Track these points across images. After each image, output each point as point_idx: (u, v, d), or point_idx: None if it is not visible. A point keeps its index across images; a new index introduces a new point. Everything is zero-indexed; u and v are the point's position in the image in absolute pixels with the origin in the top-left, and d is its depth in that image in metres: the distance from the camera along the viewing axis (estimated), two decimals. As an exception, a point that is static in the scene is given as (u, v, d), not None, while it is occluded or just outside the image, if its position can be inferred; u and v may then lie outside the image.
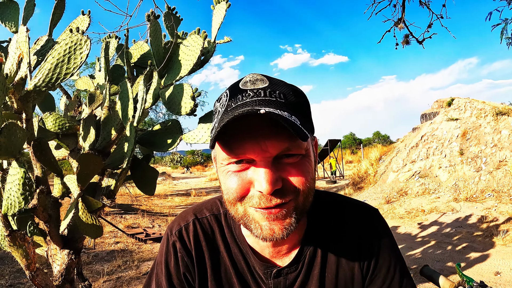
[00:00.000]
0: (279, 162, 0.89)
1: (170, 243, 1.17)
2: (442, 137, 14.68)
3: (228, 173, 0.92)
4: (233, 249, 1.13)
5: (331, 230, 1.13)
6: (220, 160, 0.94)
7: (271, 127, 0.86)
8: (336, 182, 24.34)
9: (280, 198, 0.88)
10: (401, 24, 6.79)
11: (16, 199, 2.54)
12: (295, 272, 1.09)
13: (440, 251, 7.85)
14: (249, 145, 0.86)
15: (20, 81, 2.70)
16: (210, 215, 1.19)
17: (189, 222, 1.18)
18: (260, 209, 0.90)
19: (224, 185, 0.95)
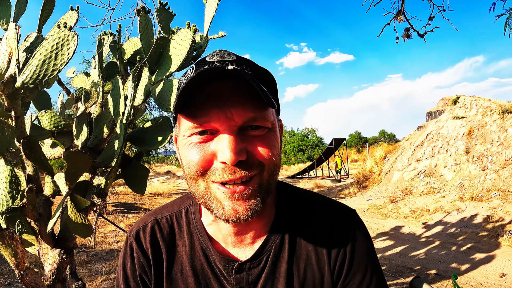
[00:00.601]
0: (244, 134, 0.86)
1: (127, 245, 1.14)
2: (448, 135, 14.59)
3: (190, 145, 0.88)
4: (193, 245, 1.08)
5: (300, 226, 1.07)
6: (182, 132, 0.90)
7: (237, 95, 0.84)
8: (341, 181, 24.30)
9: (244, 170, 0.84)
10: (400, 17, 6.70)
11: (3, 197, 2.52)
12: (259, 266, 1.02)
13: (444, 251, 7.77)
14: (214, 113, 0.83)
15: (10, 78, 2.67)
16: (170, 214, 1.16)
17: (147, 223, 1.14)
18: (222, 186, 0.85)
19: (185, 158, 0.90)
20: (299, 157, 50.29)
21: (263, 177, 0.88)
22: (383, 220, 11.25)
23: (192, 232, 1.10)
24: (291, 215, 1.08)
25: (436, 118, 16.87)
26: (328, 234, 1.04)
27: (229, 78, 0.84)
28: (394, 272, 6.55)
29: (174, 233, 1.12)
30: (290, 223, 1.06)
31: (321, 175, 30.30)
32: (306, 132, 56.57)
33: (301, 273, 1.02)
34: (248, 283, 1.01)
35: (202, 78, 0.81)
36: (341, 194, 18.07)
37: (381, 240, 8.99)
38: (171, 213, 1.16)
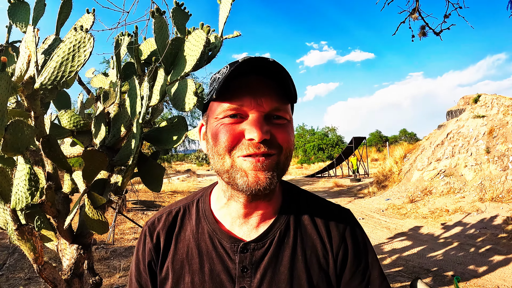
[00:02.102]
0: (269, 121, 1.01)
1: (143, 232, 1.25)
2: (468, 134, 14.40)
3: (221, 126, 1.00)
4: (200, 228, 1.17)
5: (304, 217, 1.18)
6: (215, 115, 1.03)
7: (265, 87, 1.00)
8: (360, 180, 24.14)
9: (267, 148, 0.97)
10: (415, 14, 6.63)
11: (23, 194, 2.61)
12: (263, 248, 1.10)
13: (462, 253, 7.69)
14: (246, 99, 0.99)
15: (29, 79, 2.76)
16: (183, 204, 1.27)
17: (162, 214, 1.26)
18: (248, 156, 0.98)
19: (215, 137, 1.02)
20: (319, 156, 50.08)
21: (280, 158, 1.01)
22: (401, 220, 11.17)
23: (201, 217, 1.20)
24: (295, 207, 1.19)
25: (456, 117, 16.65)
26: (329, 227, 1.15)
27: (260, 74, 1.00)
28: (410, 273, 6.51)
29: (184, 220, 1.22)
30: (295, 213, 1.18)
31: (340, 174, 30.15)
32: (326, 131, 56.29)
33: (307, 259, 1.10)
34: (251, 263, 1.08)
35: (242, 69, 0.97)
36: (360, 193, 17.97)
37: (399, 240, 8.93)
38: (184, 204, 1.27)
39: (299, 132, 57.51)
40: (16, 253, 8.05)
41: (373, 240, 9.03)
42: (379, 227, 10.45)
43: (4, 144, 2.45)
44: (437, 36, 6.85)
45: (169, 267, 1.14)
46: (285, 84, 1.01)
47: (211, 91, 1.04)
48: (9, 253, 8.11)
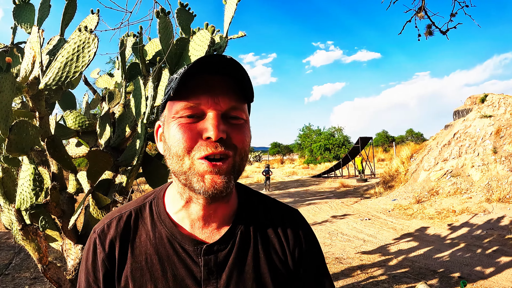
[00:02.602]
0: (226, 120, 1.00)
1: (91, 241, 1.15)
2: (475, 134, 14.32)
3: (178, 126, 0.99)
4: (157, 233, 1.13)
5: (261, 217, 1.21)
6: (172, 114, 1.02)
7: (223, 86, 1.00)
8: (367, 181, 24.07)
9: (224, 148, 0.97)
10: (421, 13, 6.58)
11: (27, 194, 2.61)
12: (226, 249, 1.11)
13: (469, 254, 7.64)
14: (203, 98, 0.98)
15: (34, 80, 2.76)
16: (133, 208, 1.19)
17: (112, 218, 1.17)
18: (205, 159, 0.97)
19: (173, 138, 1.00)
20: (326, 156, 49.95)
21: (236, 159, 1.01)
22: (408, 221, 11.12)
23: (156, 221, 1.14)
24: (252, 207, 1.22)
25: (463, 117, 16.56)
26: (284, 227, 1.21)
27: (217, 73, 1.00)
28: (416, 275, 6.48)
29: (137, 225, 1.15)
30: (252, 213, 1.21)
31: (347, 175, 30.07)
32: (333, 131, 56.09)
33: (268, 257, 1.14)
34: (216, 264, 1.08)
35: (198, 69, 0.97)
36: (366, 193, 17.91)
37: (405, 241, 8.89)
38: (135, 207, 1.19)
39: (306, 132, 57.40)
40: (22, 252, 8.10)
41: (379, 240, 9.01)
42: (386, 227, 10.42)
43: (9, 145, 2.46)
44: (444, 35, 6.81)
45: (128, 277, 1.09)
46: (242, 83, 1.02)
47: (168, 91, 1.03)
48: (15, 253, 8.15)
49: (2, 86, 2.32)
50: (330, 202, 15.84)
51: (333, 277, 6.44)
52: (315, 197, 18.03)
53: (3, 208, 2.98)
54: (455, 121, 17.30)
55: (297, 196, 18.77)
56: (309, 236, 1.24)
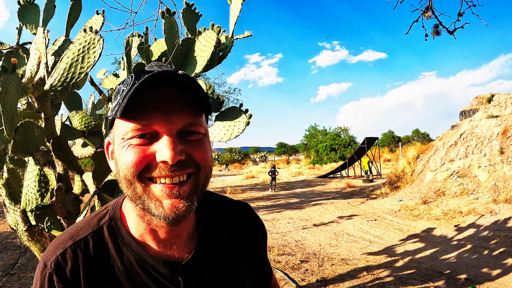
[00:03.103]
0: (183, 138, 0.91)
1: (45, 278, 0.97)
2: (482, 135, 14.24)
3: (128, 147, 0.90)
4: (127, 262, 1.01)
5: (221, 221, 1.20)
6: (121, 135, 0.91)
7: (176, 102, 0.90)
8: (373, 181, 24.01)
9: (182, 169, 0.90)
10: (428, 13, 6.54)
11: (33, 195, 2.61)
12: (202, 265, 1.07)
13: (475, 255, 7.59)
14: (155, 117, 0.88)
15: (40, 81, 2.76)
16: (90, 233, 1.03)
17: (66, 248, 1.00)
18: (161, 184, 0.89)
19: (122, 160, 0.91)
20: (331, 156, 49.95)
21: (199, 178, 0.94)
22: (414, 221, 11.07)
23: (121, 247, 1.02)
24: (209, 212, 1.18)
25: (470, 117, 16.47)
26: (243, 223, 1.25)
27: (169, 86, 0.90)
28: (423, 276, 6.43)
29: (101, 254, 1.01)
30: (212, 218, 1.18)
31: (353, 175, 30.02)
32: (339, 131, 56.10)
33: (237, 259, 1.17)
34: (196, 282, 1.04)
35: (149, 83, 0.87)
36: (372, 194, 17.85)
37: (412, 242, 8.84)
38: (91, 233, 1.03)
39: (311, 132, 57.45)
40: (27, 252, 8.13)
41: (385, 241, 8.97)
42: (392, 228, 10.37)
43: (14, 146, 2.46)
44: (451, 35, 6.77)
45: None
46: (197, 95, 0.92)
47: (115, 107, 0.93)
48: (21, 253, 8.19)
49: (7, 87, 2.32)
50: (336, 202, 15.80)
51: (339, 278, 6.42)
52: (321, 197, 18.00)
53: (9, 209, 2.99)
54: (461, 121, 17.22)
55: (303, 196, 18.75)
56: (262, 223, 1.33)
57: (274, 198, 18.46)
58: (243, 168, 52.94)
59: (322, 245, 8.82)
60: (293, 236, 9.85)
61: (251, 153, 78.62)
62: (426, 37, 7.11)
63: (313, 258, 7.68)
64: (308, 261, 7.52)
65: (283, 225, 11.39)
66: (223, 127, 2.95)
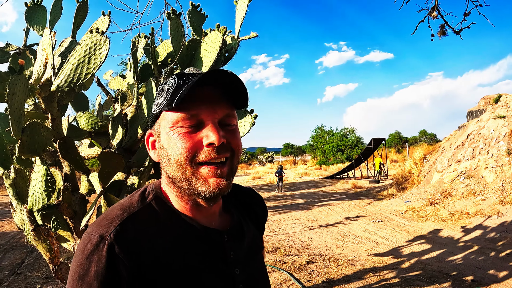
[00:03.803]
0: (222, 127, 1.05)
1: (103, 251, 0.92)
2: (489, 135, 14.16)
3: (179, 135, 1.02)
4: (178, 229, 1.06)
5: (239, 199, 1.38)
6: (171, 124, 1.04)
7: (218, 97, 1.06)
8: (380, 182, 23.92)
9: (224, 152, 1.03)
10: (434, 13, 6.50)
11: (39, 195, 2.63)
12: (239, 232, 1.23)
13: (482, 257, 7.55)
14: (202, 108, 1.02)
15: (46, 82, 2.78)
16: (141, 207, 1.06)
17: (123, 219, 1.00)
18: (208, 165, 1.02)
19: (174, 147, 1.02)
20: (338, 157, 49.81)
21: (233, 162, 1.09)
22: (421, 223, 11.02)
23: (173, 220, 1.07)
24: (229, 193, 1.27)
25: (477, 117, 16.38)
26: (253, 201, 1.44)
27: (210, 84, 1.04)
28: (429, 278, 6.41)
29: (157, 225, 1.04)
30: (233, 197, 1.34)
31: (359, 176, 29.93)
32: (345, 132, 55.92)
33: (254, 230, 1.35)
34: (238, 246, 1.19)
35: (198, 83, 0.99)
36: (379, 195, 17.78)
37: (418, 243, 8.81)
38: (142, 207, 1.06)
39: (318, 133, 57.33)
40: (34, 252, 8.17)
41: (391, 243, 8.95)
42: (398, 229, 10.34)
43: (21, 146, 2.48)
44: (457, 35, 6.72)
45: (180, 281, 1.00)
46: (234, 91, 1.07)
47: (162, 101, 1.06)
48: (28, 252, 8.24)
49: (15, 88, 2.33)
50: (343, 203, 15.77)
51: (345, 279, 6.41)
52: (327, 198, 17.97)
53: (16, 209, 3.01)
54: (468, 122, 17.13)
55: (310, 197, 18.73)
56: (264, 202, 1.50)
57: (280, 199, 18.46)
58: (249, 169, 52.86)
59: (328, 246, 8.81)
60: (299, 237, 9.85)
61: (258, 153, 78.54)
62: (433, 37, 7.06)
63: (319, 259, 7.67)
64: (314, 262, 7.51)
65: (289, 226, 11.38)
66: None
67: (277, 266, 7.13)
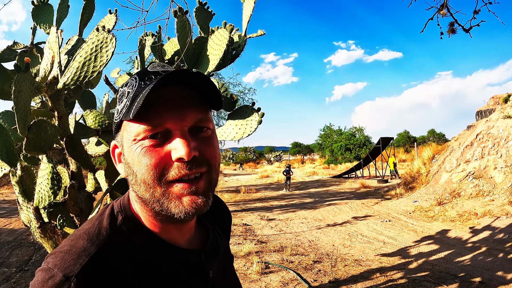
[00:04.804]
0: (194, 135, 0.91)
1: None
2: (498, 135, 14.04)
3: (142, 150, 0.88)
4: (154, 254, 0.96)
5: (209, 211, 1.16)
6: (133, 137, 0.90)
7: (185, 99, 0.91)
8: (388, 182, 23.83)
9: (197, 167, 0.89)
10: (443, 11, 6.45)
11: (45, 193, 2.63)
12: (216, 249, 1.15)
13: (490, 258, 7.49)
14: (167, 115, 0.88)
15: (53, 80, 2.78)
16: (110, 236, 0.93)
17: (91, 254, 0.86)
18: (180, 183, 0.89)
19: (139, 164, 0.89)
20: (346, 156, 49.71)
21: (211, 176, 0.95)
22: (429, 223, 10.96)
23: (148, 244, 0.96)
24: None
25: (486, 117, 16.26)
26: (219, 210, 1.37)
27: (176, 84, 0.90)
28: (437, 279, 6.37)
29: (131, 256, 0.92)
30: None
31: (368, 175, 29.84)
32: (354, 131, 55.78)
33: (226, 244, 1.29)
34: (215, 263, 1.12)
35: (158, 84, 0.85)
36: (387, 195, 17.71)
37: (426, 244, 8.76)
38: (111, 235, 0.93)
39: (326, 132, 57.24)
40: (42, 249, 8.22)
41: (399, 243, 8.90)
42: (406, 229, 10.29)
43: (27, 143, 2.48)
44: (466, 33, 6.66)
45: None
46: (204, 90, 0.93)
47: (122, 109, 0.91)
48: (35, 249, 8.29)
49: (21, 85, 2.34)
50: (351, 203, 15.73)
51: (352, 279, 6.39)
52: (335, 197, 17.93)
53: (22, 206, 3.02)
54: (477, 121, 17.01)
55: (317, 196, 18.70)
56: (228, 210, 1.45)
57: (288, 198, 18.44)
58: (257, 168, 52.87)
59: (335, 245, 8.79)
60: (307, 236, 9.83)
61: (266, 152, 78.56)
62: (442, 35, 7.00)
63: (326, 259, 7.65)
64: (321, 261, 7.49)
65: (296, 225, 11.37)
66: (235, 125, 2.94)
67: (284, 265, 7.12)
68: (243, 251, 7.84)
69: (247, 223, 11.63)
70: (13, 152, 3.15)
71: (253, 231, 10.50)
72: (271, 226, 11.29)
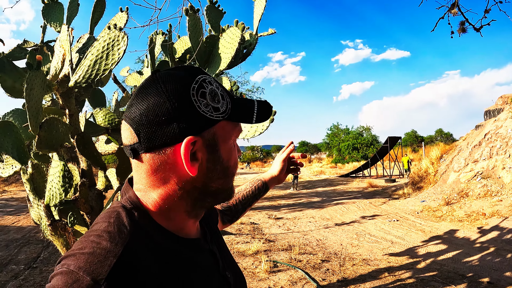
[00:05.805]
0: None
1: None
2: (507, 135, 13.94)
3: (234, 148, 1.04)
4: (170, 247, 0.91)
5: None
6: (231, 135, 1.01)
7: None
8: (395, 181, 23.76)
9: None
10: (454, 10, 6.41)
11: (57, 190, 2.64)
12: (211, 235, 1.20)
13: (499, 259, 7.44)
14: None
15: (64, 78, 2.78)
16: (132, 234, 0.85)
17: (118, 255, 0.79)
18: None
19: (233, 159, 1.03)
20: (354, 155, 49.61)
21: None
22: (437, 223, 10.91)
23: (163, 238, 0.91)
24: None
25: (494, 117, 16.15)
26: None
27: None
28: (445, 279, 6.33)
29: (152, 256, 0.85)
30: None
31: (375, 175, 29.79)
32: (361, 130, 55.63)
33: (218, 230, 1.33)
34: (218, 249, 1.16)
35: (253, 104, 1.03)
36: (395, 194, 17.67)
37: (434, 244, 8.72)
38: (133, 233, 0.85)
39: (334, 131, 57.13)
40: (50, 246, 8.26)
41: (407, 242, 8.87)
42: (414, 229, 10.25)
43: (39, 141, 2.48)
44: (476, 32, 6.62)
45: None
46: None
47: (226, 109, 0.91)
48: (43, 247, 8.32)
49: (32, 83, 2.34)
50: (358, 202, 15.70)
51: (360, 279, 6.36)
52: (342, 197, 17.91)
53: (33, 204, 3.02)
54: (486, 121, 16.90)
55: (325, 195, 18.68)
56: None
57: (295, 197, 18.44)
58: (265, 167, 52.89)
59: (343, 244, 8.76)
60: (314, 235, 9.81)
61: (273, 151, 78.61)
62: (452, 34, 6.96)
63: (334, 258, 7.63)
64: (329, 260, 7.47)
65: (304, 224, 11.35)
66: (247, 124, 2.93)
67: (292, 264, 7.10)
68: (251, 250, 7.82)
69: (255, 222, 11.62)
70: (24, 150, 3.16)
71: (261, 229, 10.49)
72: (279, 225, 11.28)
